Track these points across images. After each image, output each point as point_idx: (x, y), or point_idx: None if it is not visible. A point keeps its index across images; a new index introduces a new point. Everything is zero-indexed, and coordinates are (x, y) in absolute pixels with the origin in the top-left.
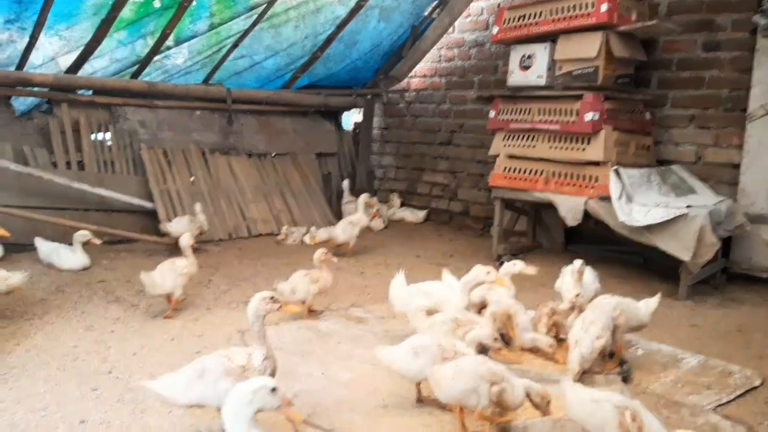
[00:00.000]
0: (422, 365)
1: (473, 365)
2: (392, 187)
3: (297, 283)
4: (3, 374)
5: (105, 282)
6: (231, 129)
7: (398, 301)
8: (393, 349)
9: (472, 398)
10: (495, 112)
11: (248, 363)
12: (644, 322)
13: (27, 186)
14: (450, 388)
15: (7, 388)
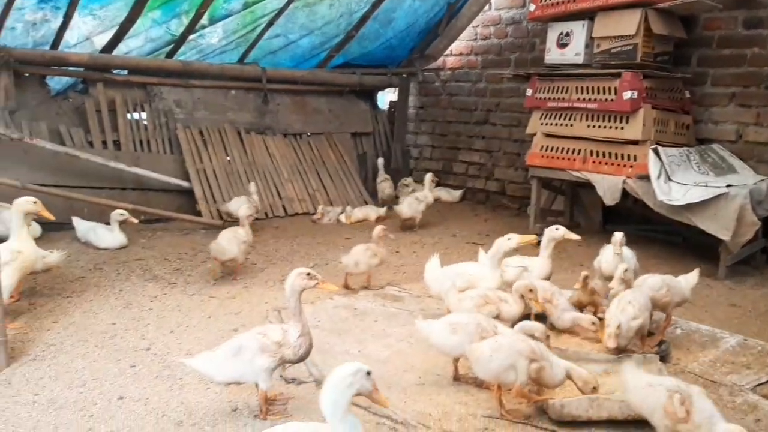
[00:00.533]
0: (459, 342)
1: (512, 342)
2: (428, 166)
3: (359, 256)
4: (42, 351)
5: (142, 260)
6: (266, 108)
7: (434, 283)
8: (432, 323)
9: (510, 374)
10: (532, 90)
11: (284, 339)
12: (687, 297)
13: (63, 165)
14: (488, 364)
15: (46, 365)
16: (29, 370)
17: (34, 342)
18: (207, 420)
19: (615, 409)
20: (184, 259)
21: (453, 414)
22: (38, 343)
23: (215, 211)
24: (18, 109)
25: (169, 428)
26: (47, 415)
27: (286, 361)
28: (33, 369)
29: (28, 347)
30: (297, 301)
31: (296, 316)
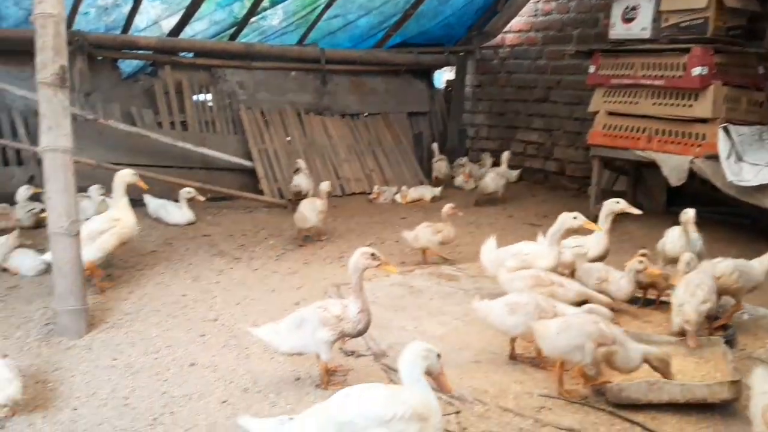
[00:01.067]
0: (517, 321)
1: (582, 323)
2: (484, 146)
3: (419, 232)
4: (118, 319)
5: (209, 236)
6: (325, 89)
7: (490, 265)
8: (489, 303)
9: (576, 354)
10: (595, 67)
11: (343, 314)
12: (759, 282)
13: (135, 145)
14: (554, 342)
15: (123, 332)
16: (108, 336)
17: (111, 311)
18: (271, 388)
19: (676, 392)
20: (248, 236)
21: (509, 392)
22: (115, 312)
23: (276, 189)
24: (92, 91)
25: (236, 394)
26: (125, 379)
27: (345, 335)
28: (111, 336)
29: (106, 315)
30: (359, 278)
31: (357, 293)
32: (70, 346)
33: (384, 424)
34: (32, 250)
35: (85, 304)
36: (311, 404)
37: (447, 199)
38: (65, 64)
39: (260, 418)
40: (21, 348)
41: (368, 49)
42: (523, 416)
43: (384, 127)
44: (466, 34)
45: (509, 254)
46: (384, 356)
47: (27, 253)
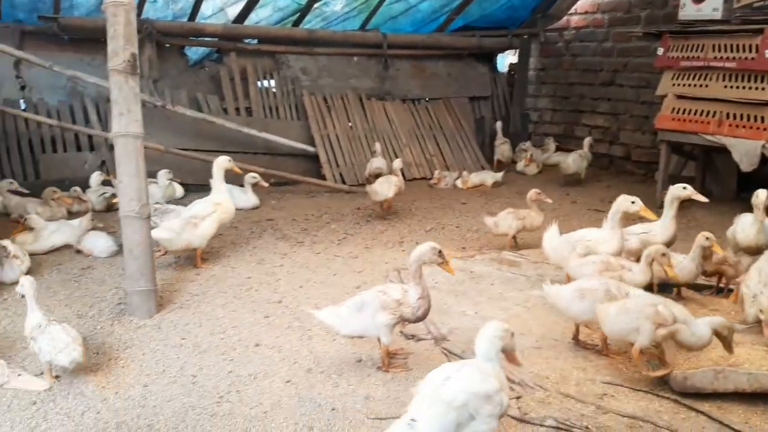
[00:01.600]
0: (587, 307)
1: (640, 305)
2: (547, 130)
3: (501, 218)
4: (186, 300)
5: (273, 221)
6: (387, 74)
7: (553, 252)
8: (560, 288)
9: (633, 336)
10: (664, 49)
11: (403, 298)
12: None
13: (201, 131)
14: (612, 324)
15: (191, 312)
16: (176, 316)
17: (180, 292)
18: (334, 369)
19: (743, 381)
20: (310, 220)
21: (571, 378)
22: (183, 293)
23: (338, 175)
24: (160, 78)
25: (300, 374)
26: (193, 357)
27: (404, 320)
28: (179, 316)
29: (175, 296)
30: (418, 268)
31: (416, 280)
32: (140, 325)
33: (488, 400)
34: (104, 232)
35: (154, 285)
36: (373, 386)
37: (508, 184)
38: (136, 52)
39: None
40: (94, 327)
41: (430, 34)
42: (585, 403)
43: (445, 111)
44: (530, 16)
45: (573, 240)
46: (444, 340)
47: (100, 235)
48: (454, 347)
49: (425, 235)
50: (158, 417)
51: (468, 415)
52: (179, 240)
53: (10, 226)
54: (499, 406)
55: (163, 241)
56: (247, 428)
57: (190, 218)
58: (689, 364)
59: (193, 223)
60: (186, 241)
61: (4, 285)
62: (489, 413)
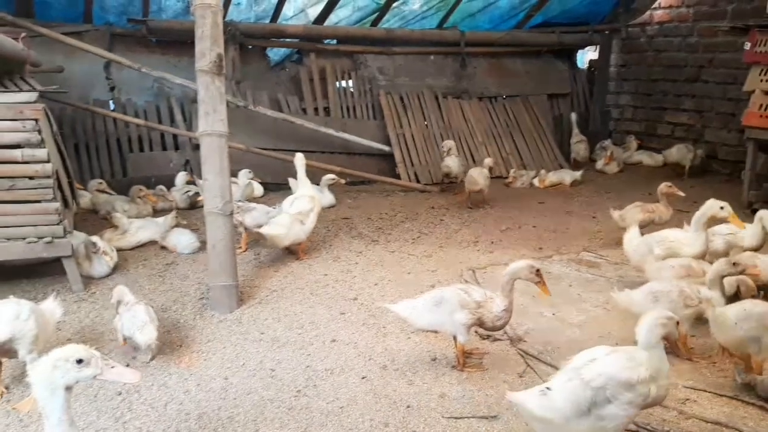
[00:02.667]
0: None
1: (761, 312)
2: (629, 128)
3: (627, 212)
4: (265, 296)
5: (348, 219)
6: (463, 72)
7: (633, 253)
8: (631, 293)
9: (753, 347)
10: (751, 43)
11: (485, 302)
12: None
13: (280, 130)
14: (732, 331)
15: (269, 308)
16: (255, 311)
17: (259, 288)
18: (408, 366)
19: None
20: (384, 219)
21: None
22: (262, 289)
23: (413, 174)
24: (243, 79)
25: (375, 370)
26: (272, 351)
27: (482, 324)
28: (259, 311)
29: (254, 292)
30: (511, 282)
31: (506, 292)
32: (221, 319)
33: (629, 388)
34: (188, 229)
35: (236, 281)
36: (447, 384)
37: (587, 183)
38: (222, 53)
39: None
40: (178, 320)
41: (508, 31)
42: (667, 407)
43: (523, 109)
44: (612, 11)
45: (654, 241)
46: (521, 341)
47: (183, 232)
48: (531, 348)
49: (500, 234)
50: (238, 409)
51: (605, 397)
52: (289, 235)
53: (99, 223)
54: (641, 396)
55: (275, 237)
56: (323, 422)
57: (296, 215)
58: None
59: (299, 220)
60: (295, 236)
61: (92, 279)
62: (628, 401)
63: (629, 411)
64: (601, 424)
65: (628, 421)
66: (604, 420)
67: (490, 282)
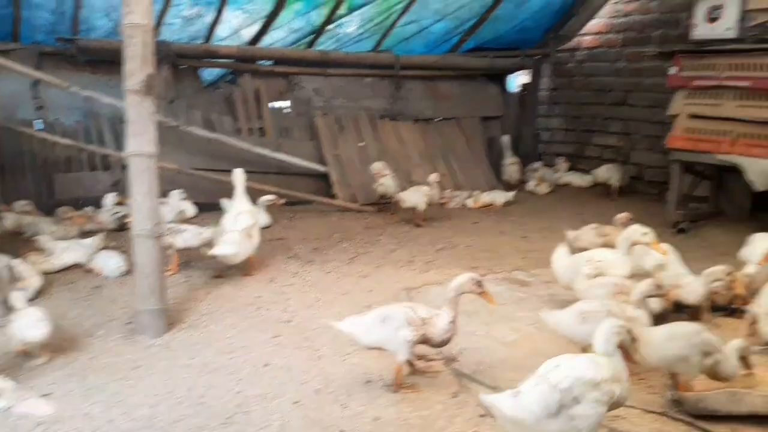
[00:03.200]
0: (590, 330)
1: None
2: (559, 150)
3: (582, 234)
4: (196, 320)
5: (284, 239)
6: (399, 95)
7: (562, 272)
8: (559, 313)
9: (681, 366)
10: (676, 68)
11: (431, 319)
12: None
13: (214, 151)
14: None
15: (199, 332)
16: (185, 336)
17: (189, 311)
18: (343, 389)
19: (757, 403)
20: (321, 239)
21: None
22: (193, 312)
23: (350, 194)
24: (175, 99)
25: (309, 395)
26: (201, 377)
27: (426, 340)
28: (188, 335)
29: (184, 315)
30: (457, 296)
31: (452, 306)
32: (149, 344)
33: (596, 386)
34: (116, 251)
35: (165, 304)
36: (382, 407)
37: (520, 203)
38: (152, 73)
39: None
40: (103, 346)
41: (442, 55)
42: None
43: (457, 131)
44: (542, 37)
45: (583, 260)
46: (454, 361)
47: (111, 254)
48: (464, 368)
49: (436, 254)
50: None
51: (572, 398)
52: (241, 253)
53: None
54: (607, 394)
55: (229, 256)
56: None
57: (244, 230)
58: (703, 385)
59: (248, 234)
60: (246, 253)
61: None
62: (595, 399)
63: (598, 409)
64: (573, 424)
65: (599, 420)
66: (575, 420)
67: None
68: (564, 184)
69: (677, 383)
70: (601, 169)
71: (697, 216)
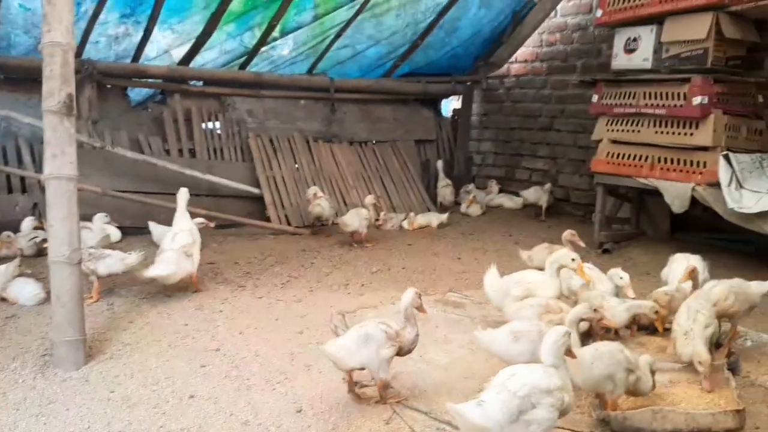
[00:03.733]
0: (522, 350)
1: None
2: (490, 173)
3: (535, 253)
4: (118, 350)
5: (214, 264)
6: (334, 117)
7: (493, 294)
8: (492, 333)
9: (608, 384)
10: (598, 96)
11: (402, 331)
12: (755, 303)
13: (142, 172)
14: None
15: (122, 363)
16: (105, 368)
17: (110, 341)
18: (272, 420)
19: (680, 421)
20: (253, 263)
21: None
22: (115, 342)
23: (284, 216)
24: (100, 119)
25: (236, 427)
26: (121, 412)
27: (402, 351)
28: (109, 367)
29: (105, 346)
30: (411, 310)
31: (411, 320)
32: (66, 378)
33: (549, 394)
34: (32, 278)
35: (83, 335)
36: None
37: (454, 225)
38: (72, 93)
39: None
40: (16, 380)
41: (377, 79)
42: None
43: (392, 154)
44: (472, 64)
45: (513, 282)
46: (387, 387)
47: (27, 281)
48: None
49: (371, 276)
50: None
51: (530, 404)
52: (179, 272)
53: None
54: (560, 400)
55: (165, 278)
56: None
57: (181, 249)
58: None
59: (185, 253)
60: (185, 271)
61: None
62: (550, 404)
63: (552, 414)
64: (531, 429)
65: (552, 425)
66: (533, 424)
67: None
68: (496, 206)
69: (604, 402)
70: (529, 190)
71: (621, 237)
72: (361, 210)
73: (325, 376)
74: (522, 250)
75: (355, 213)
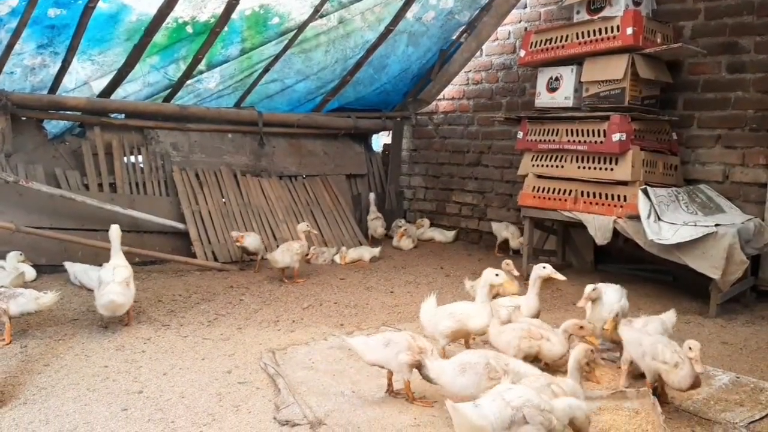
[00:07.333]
0: (467, 383)
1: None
2: (421, 207)
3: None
4: (32, 395)
5: (136, 302)
6: (262, 151)
7: (429, 324)
8: (441, 362)
9: None
10: (523, 133)
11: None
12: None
13: (59, 208)
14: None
15: (36, 409)
16: (19, 414)
17: (24, 385)
18: None
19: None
20: (177, 301)
21: None
22: (29, 387)
23: (210, 252)
24: (14, 152)
25: None
26: None
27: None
28: (23, 413)
29: (18, 391)
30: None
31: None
32: None
33: (541, 412)
34: None
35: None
36: None
37: (386, 259)
38: None
39: None
40: None
41: (306, 113)
42: None
43: (323, 188)
44: (402, 100)
45: (447, 313)
46: (321, 425)
47: None
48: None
49: (302, 312)
50: None
51: (521, 417)
52: (127, 303)
53: None
54: (548, 420)
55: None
56: None
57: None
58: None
59: (126, 284)
60: (129, 302)
61: None
62: (540, 422)
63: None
64: None
65: None
66: None
67: (290, 363)
68: (427, 240)
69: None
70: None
71: None
72: (292, 244)
73: (254, 417)
74: (466, 279)
75: (286, 249)
